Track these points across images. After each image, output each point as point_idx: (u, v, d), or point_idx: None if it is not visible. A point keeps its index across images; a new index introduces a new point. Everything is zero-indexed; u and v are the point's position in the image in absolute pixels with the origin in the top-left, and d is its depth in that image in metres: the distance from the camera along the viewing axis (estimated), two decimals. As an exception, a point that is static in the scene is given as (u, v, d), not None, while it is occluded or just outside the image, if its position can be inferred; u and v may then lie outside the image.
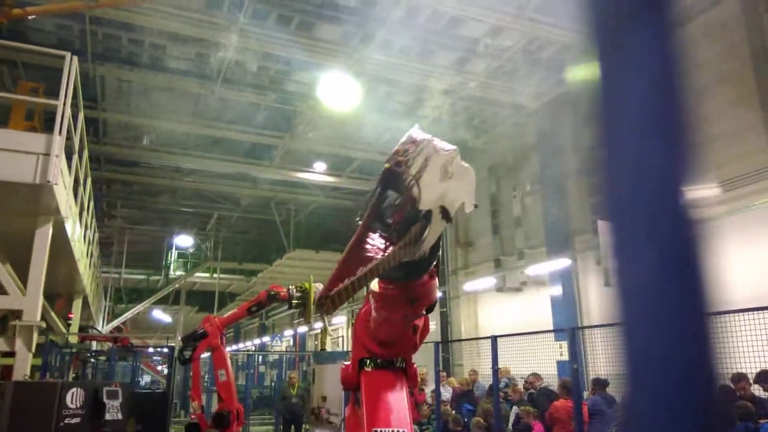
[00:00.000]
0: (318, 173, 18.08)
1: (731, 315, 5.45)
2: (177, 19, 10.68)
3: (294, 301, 7.62)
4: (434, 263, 2.22)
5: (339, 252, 21.53)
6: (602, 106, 0.49)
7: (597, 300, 12.77)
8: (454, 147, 2.01)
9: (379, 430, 2.74)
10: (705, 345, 0.44)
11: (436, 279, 2.36)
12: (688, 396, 0.42)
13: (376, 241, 2.16)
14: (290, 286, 7.70)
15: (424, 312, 2.60)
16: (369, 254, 2.08)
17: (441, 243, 2.18)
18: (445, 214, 1.91)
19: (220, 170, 17.85)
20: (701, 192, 0.46)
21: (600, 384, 8.39)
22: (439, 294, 4.53)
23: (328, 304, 1.86)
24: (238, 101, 13.96)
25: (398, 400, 2.93)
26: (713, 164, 9.48)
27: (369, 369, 2.96)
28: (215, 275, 26.26)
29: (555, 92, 12.90)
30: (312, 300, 7.58)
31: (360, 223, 2.13)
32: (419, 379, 11.93)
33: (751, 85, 9.25)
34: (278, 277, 24.43)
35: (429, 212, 1.90)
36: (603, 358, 12.16)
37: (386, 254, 1.92)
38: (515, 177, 15.30)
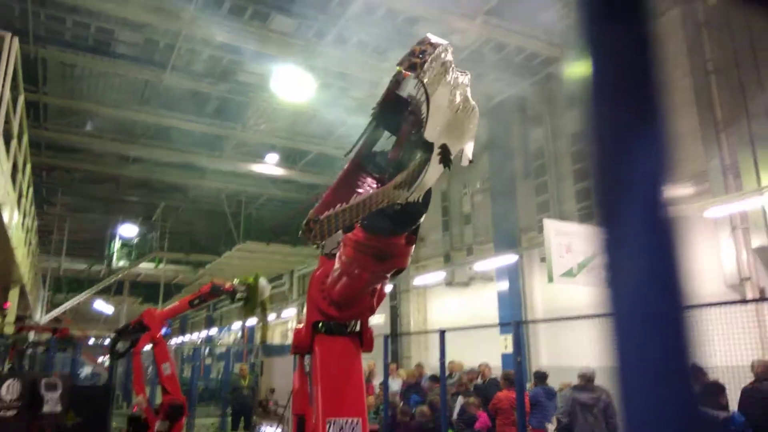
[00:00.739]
0: (270, 165, 17.90)
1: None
2: (126, 3, 10.35)
3: (237, 296, 7.58)
4: (419, 222, 2.15)
5: (290, 245, 21.40)
6: (591, 105, 0.53)
7: (541, 295, 13.21)
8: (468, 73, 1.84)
9: (333, 420, 2.71)
10: (686, 337, 0.48)
11: (413, 246, 2.31)
12: (674, 384, 0.48)
13: (366, 181, 2.08)
14: (235, 280, 7.64)
15: (388, 276, 2.50)
16: (359, 189, 2.01)
17: (430, 199, 2.05)
18: (445, 155, 1.75)
19: (168, 159, 17.42)
20: (676, 190, 0.51)
21: (540, 377, 8.72)
22: (389, 287, 4.57)
23: (316, 230, 1.68)
24: (189, 90, 13.66)
25: (353, 377, 2.90)
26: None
27: (324, 335, 2.91)
28: (161, 266, 25.63)
29: (506, 94, 13.22)
30: (257, 296, 7.54)
31: (349, 158, 2.03)
32: (369, 371, 12.06)
33: (689, 94, 9.76)
34: (227, 269, 24.07)
35: (430, 147, 1.74)
36: (545, 351, 12.63)
37: (379, 190, 1.78)
38: (466, 175, 15.60)
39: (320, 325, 2.93)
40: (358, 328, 3.02)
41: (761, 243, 8.70)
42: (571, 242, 10.31)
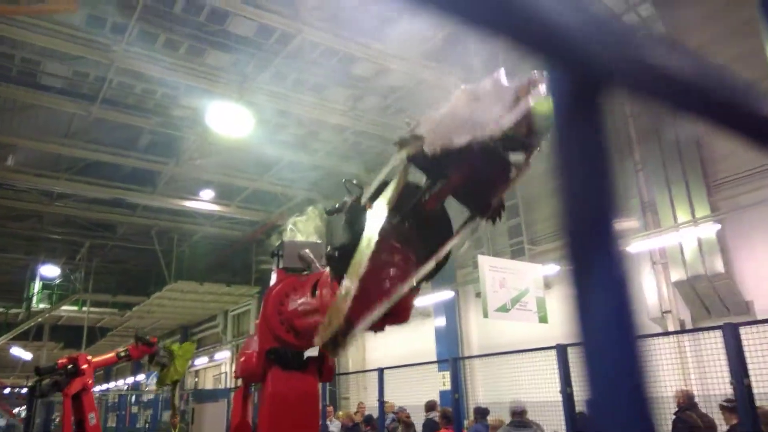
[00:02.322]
0: (205, 201, 17.48)
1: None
2: (55, 35, 10.03)
3: (155, 360, 7.52)
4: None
5: (225, 284, 20.76)
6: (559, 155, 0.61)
7: (477, 330, 13.37)
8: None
9: None
10: (642, 365, 0.53)
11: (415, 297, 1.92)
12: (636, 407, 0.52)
13: (393, 261, 1.61)
14: (160, 343, 7.61)
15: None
16: (387, 275, 1.57)
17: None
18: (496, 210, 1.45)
19: (95, 195, 16.70)
20: (625, 224, 0.57)
21: (480, 413, 8.74)
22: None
23: (347, 343, 1.47)
24: (119, 123, 13.26)
25: (308, 424, 2.65)
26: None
27: (279, 369, 2.59)
28: (84, 308, 24.21)
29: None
30: (176, 365, 7.52)
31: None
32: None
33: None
34: (157, 310, 23.06)
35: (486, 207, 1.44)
36: (481, 387, 12.70)
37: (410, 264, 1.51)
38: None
39: (274, 353, 2.59)
40: (320, 357, 2.73)
41: (679, 277, 9.19)
42: (505, 278, 10.55)
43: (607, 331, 0.55)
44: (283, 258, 2.87)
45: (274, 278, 2.83)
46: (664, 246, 9.47)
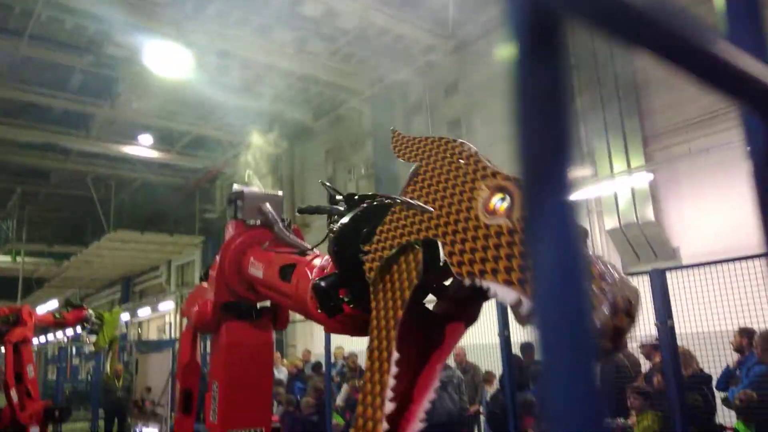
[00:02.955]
0: (143, 147, 16.82)
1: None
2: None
3: (87, 327, 7.52)
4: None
5: (167, 234, 20.26)
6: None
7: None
8: None
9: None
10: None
11: None
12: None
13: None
14: (90, 311, 7.72)
15: None
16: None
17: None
18: None
19: (25, 139, 15.78)
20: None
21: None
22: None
23: None
24: (49, 62, 12.44)
25: (262, 380, 2.66)
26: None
27: (235, 321, 2.57)
28: (18, 259, 23.22)
29: (389, 80, 13.45)
30: (108, 331, 7.67)
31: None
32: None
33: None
34: (96, 261, 22.36)
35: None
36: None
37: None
38: (351, 160, 15.69)
39: (232, 309, 2.57)
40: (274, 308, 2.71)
41: (613, 225, 9.61)
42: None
43: (557, 276, 0.54)
44: (242, 210, 2.70)
45: (231, 230, 2.72)
46: (600, 195, 9.84)
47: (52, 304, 24.62)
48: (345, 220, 1.62)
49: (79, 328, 8.09)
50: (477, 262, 1.27)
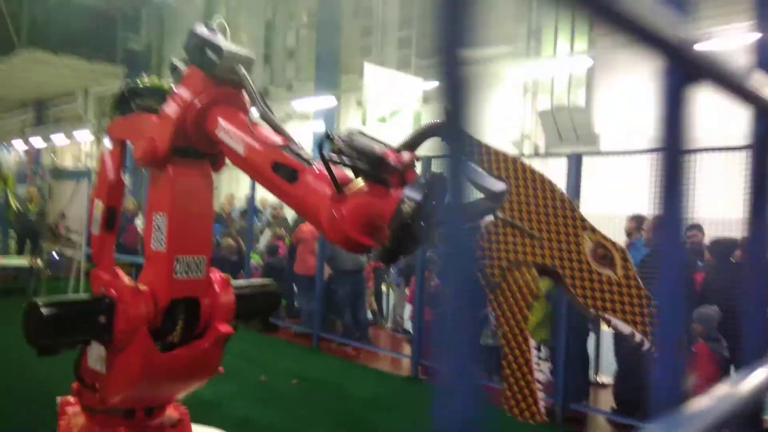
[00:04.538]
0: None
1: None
2: None
3: None
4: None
5: (85, 60, 18.68)
6: None
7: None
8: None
9: (181, 258, 2.64)
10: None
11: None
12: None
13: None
14: None
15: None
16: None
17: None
18: None
19: None
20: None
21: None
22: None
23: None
24: None
25: (204, 210, 2.82)
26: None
27: (182, 158, 2.66)
28: None
29: None
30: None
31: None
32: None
33: None
34: (4, 81, 20.59)
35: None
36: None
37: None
38: (293, 5, 14.71)
39: (182, 150, 2.64)
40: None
41: (545, 107, 9.85)
42: (388, 88, 10.60)
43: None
44: (213, 64, 2.53)
45: (195, 80, 2.58)
46: (538, 77, 9.93)
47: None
48: (417, 196, 1.83)
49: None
50: (598, 299, 1.67)
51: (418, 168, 2.02)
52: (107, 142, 3.05)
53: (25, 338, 2.56)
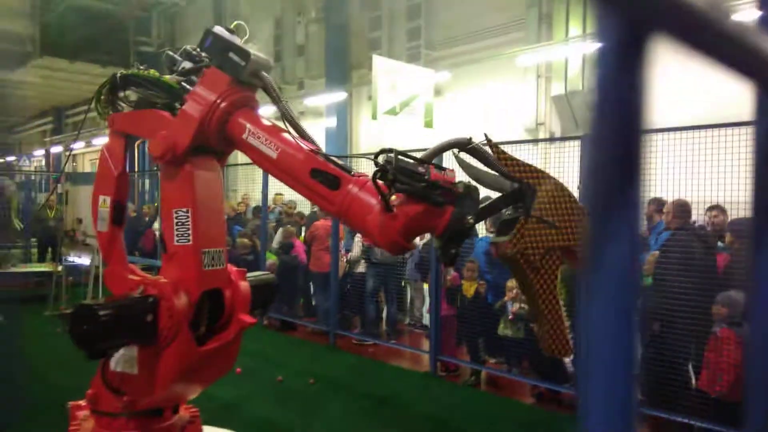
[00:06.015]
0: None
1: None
2: None
3: None
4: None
5: (100, 66, 18.85)
6: None
7: (365, 133, 13.58)
8: None
9: (206, 251, 2.69)
10: None
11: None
12: None
13: None
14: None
15: None
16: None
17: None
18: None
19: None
20: None
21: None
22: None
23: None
24: None
25: (218, 204, 2.89)
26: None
27: (199, 155, 2.68)
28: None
29: None
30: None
31: None
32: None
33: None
34: (24, 91, 20.94)
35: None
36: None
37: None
38: (302, 2, 14.66)
39: (200, 149, 2.67)
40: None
41: (559, 91, 9.63)
42: (397, 80, 10.48)
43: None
44: (238, 67, 2.57)
45: (218, 81, 2.59)
46: (551, 60, 9.72)
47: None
48: (468, 211, 2.20)
49: (19, 156, 7.69)
50: None
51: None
52: (108, 135, 2.97)
53: (75, 343, 2.44)
